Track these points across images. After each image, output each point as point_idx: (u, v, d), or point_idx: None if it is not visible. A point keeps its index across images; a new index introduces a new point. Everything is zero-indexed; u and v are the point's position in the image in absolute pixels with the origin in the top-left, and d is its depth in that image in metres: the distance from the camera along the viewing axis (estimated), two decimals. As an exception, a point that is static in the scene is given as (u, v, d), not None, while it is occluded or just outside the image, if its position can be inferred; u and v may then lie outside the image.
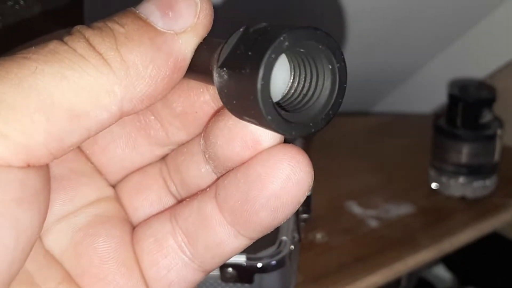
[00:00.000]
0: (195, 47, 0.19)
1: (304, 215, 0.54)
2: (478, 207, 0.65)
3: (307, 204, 0.54)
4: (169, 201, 0.22)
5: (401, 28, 0.75)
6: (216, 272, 0.43)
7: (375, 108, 0.96)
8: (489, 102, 0.64)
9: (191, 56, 0.19)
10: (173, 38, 0.18)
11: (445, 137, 0.65)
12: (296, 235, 0.52)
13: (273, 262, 0.43)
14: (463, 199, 0.66)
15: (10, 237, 0.16)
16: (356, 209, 0.65)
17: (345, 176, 0.73)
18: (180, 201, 0.22)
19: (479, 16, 0.75)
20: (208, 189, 0.21)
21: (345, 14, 0.70)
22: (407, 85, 0.88)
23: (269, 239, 0.46)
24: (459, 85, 0.66)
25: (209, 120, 0.21)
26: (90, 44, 0.17)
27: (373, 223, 0.63)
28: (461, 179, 0.66)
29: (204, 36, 0.19)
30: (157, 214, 0.22)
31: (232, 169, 0.20)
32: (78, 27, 0.17)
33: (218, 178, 0.21)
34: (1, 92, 0.15)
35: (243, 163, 0.19)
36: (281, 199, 0.19)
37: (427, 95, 0.86)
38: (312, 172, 0.19)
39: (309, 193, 0.54)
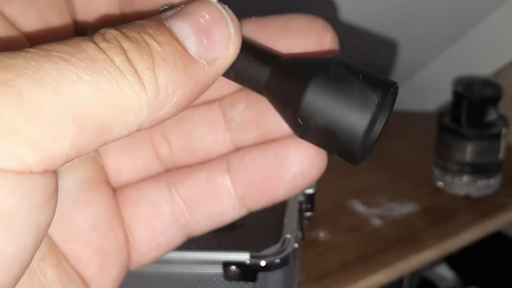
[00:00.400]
0: (218, 77, 0.18)
1: (308, 214, 0.54)
2: (483, 206, 0.65)
3: (311, 202, 0.53)
4: (156, 167, 0.22)
5: (405, 26, 0.74)
6: (219, 270, 0.43)
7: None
8: (494, 100, 0.63)
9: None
10: (204, 68, 0.17)
11: (450, 135, 0.65)
12: (299, 233, 0.52)
13: (277, 260, 0.43)
14: (467, 198, 0.65)
15: (31, 241, 0.16)
16: (359, 207, 0.65)
17: (349, 174, 0.72)
18: (169, 170, 0.22)
19: (484, 14, 0.74)
20: (215, 163, 0.21)
21: (350, 13, 0.69)
22: (412, 83, 0.88)
23: (272, 237, 0.46)
24: (464, 82, 0.65)
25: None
26: (128, 59, 0.16)
27: (377, 222, 0.62)
28: (466, 178, 0.65)
29: (228, 67, 0.19)
30: (150, 180, 0.22)
31: (254, 145, 0.20)
32: (113, 32, 0.16)
33: (231, 151, 0.22)
34: (39, 97, 0.15)
35: (272, 142, 0.20)
36: (303, 180, 0.21)
37: (432, 93, 0.86)
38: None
39: (313, 192, 0.54)
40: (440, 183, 0.67)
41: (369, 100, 0.17)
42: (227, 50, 0.18)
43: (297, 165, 0.20)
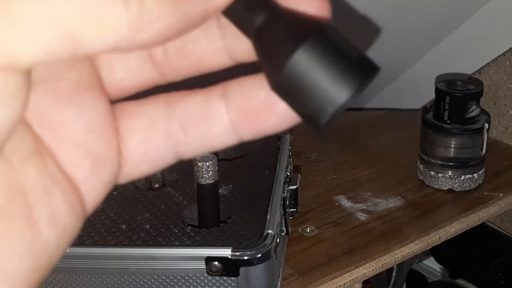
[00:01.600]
0: (213, 15, 0.18)
1: (292, 210, 0.55)
2: (466, 200, 0.66)
3: (294, 199, 0.55)
4: (148, 69, 0.22)
5: (391, 28, 0.75)
6: (202, 266, 0.44)
7: (367, 105, 0.96)
8: (476, 96, 0.64)
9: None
10: (196, 1, 0.17)
11: (433, 131, 0.66)
12: (283, 229, 0.53)
13: (259, 255, 0.44)
14: (451, 192, 0.67)
15: None
16: (345, 203, 0.66)
17: (335, 170, 0.73)
18: (167, 94, 0.22)
19: (467, 15, 0.75)
20: (213, 88, 0.21)
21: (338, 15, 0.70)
22: (399, 83, 0.89)
23: (255, 232, 0.47)
24: (446, 79, 0.67)
25: None
26: None
27: (362, 217, 0.64)
28: (449, 173, 0.66)
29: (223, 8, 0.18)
30: (149, 98, 0.22)
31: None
32: None
33: (226, 64, 0.22)
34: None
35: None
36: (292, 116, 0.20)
37: (419, 92, 0.87)
38: None
39: (296, 187, 0.55)
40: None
41: (354, 78, 0.18)
42: None
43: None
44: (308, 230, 0.62)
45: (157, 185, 0.54)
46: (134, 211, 0.50)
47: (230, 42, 0.21)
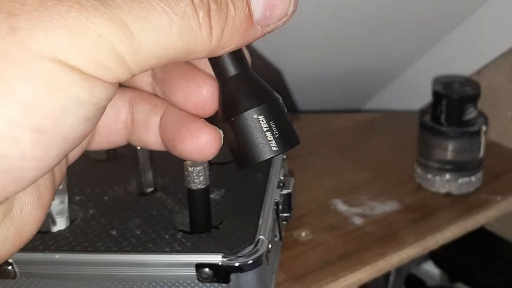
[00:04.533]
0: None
1: (286, 214, 0.54)
2: (464, 204, 0.65)
3: (288, 203, 0.54)
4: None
5: (389, 29, 0.75)
6: (193, 272, 0.43)
7: (365, 107, 0.96)
8: (473, 98, 0.64)
9: None
10: (257, 32, 0.22)
11: (430, 133, 0.65)
12: (277, 234, 0.52)
13: (250, 262, 0.43)
14: (448, 195, 0.66)
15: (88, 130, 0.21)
16: (341, 207, 0.66)
17: (331, 173, 0.73)
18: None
19: (464, 15, 0.74)
20: (160, 103, 0.26)
21: (334, 17, 0.70)
22: (397, 84, 0.88)
23: (247, 238, 0.46)
24: (443, 82, 0.66)
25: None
26: (209, 18, 0.21)
27: (358, 221, 0.63)
28: (447, 176, 0.66)
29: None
30: (119, 92, 0.26)
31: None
32: None
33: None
34: (140, 29, 0.19)
35: (194, 117, 0.25)
36: (200, 154, 0.25)
37: (417, 94, 0.86)
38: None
39: (289, 192, 0.54)
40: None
41: (281, 146, 0.23)
42: (279, 22, 0.23)
43: (204, 140, 0.24)
44: (303, 235, 0.61)
45: (149, 189, 0.54)
46: (125, 217, 0.50)
47: (160, 90, 0.26)
